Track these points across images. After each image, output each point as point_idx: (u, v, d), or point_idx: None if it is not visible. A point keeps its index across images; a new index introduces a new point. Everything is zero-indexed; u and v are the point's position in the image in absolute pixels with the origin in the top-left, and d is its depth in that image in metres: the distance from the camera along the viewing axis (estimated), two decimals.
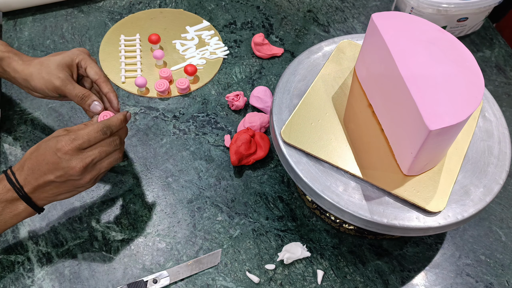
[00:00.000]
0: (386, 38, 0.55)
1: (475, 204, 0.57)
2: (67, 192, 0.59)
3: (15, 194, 0.56)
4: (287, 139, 0.60)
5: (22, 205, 0.57)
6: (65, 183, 0.57)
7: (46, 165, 0.56)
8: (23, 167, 0.57)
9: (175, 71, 0.86)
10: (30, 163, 0.57)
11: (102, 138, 0.58)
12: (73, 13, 0.93)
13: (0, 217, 0.56)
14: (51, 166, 0.56)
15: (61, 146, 0.56)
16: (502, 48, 0.94)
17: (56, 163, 0.56)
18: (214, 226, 0.68)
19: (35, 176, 0.56)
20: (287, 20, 0.95)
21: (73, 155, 0.56)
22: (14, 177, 0.57)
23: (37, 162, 0.57)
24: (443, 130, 0.49)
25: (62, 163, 0.56)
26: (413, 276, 0.65)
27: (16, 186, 0.56)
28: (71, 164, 0.56)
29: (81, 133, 0.57)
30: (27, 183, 0.57)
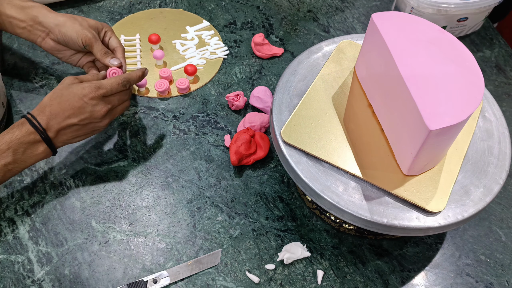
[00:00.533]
0: (386, 38, 0.55)
1: (475, 204, 0.57)
2: (84, 134, 0.66)
3: (38, 136, 0.62)
4: (287, 139, 0.60)
5: (42, 147, 0.63)
6: (85, 126, 0.65)
7: (71, 110, 0.63)
8: (44, 112, 0.63)
9: (175, 71, 0.86)
10: (52, 109, 0.63)
11: (122, 89, 0.67)
12: (73, 13, 0.93)
13: (22, 157, 0.61)
14: (76, 111, 0.63)
15: (87, 92, 0.64)
16: (502, 48, 0.94)
17: (82, 108, 0.63)
18: (214, 226, 0.68)
19: (58, 120, 0.63)
20: (287, 20, 0.95)
21: (98, 101, 0.64)
22: (36, 121, 0.62)
23: (61, 107, 0.63)
24: (443, 130, 0.49)
25: (87, 107, 0.64)
26: (413, 276, 0.65)
27: (39, 129, 0.62)
28: (96, 108, 0.64)
29: (105, 83, 0.66)
30: (50, 127, 0.62)
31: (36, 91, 0.81)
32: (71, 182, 0.72)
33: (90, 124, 0.65)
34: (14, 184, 0.71)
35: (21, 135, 0.61)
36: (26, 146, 0.61)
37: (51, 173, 0.72)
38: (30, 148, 0.62)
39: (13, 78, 0.83)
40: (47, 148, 0.63)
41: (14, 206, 0.69)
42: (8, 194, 0.70)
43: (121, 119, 0.79)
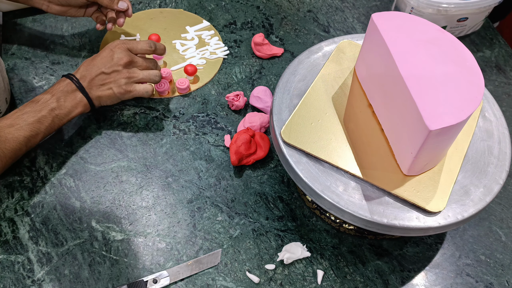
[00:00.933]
0: (386, 38, 0.55)
1: (475, 204, 0.57)
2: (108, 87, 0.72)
3: (73, 85, 0.71)
4: (287, 139, 0.60)
5: (79, 95, 0.71)
6: (110, 75, 0.72)
7: (100, 60, 0.73)
8: (79, 69, 0.73)
9: (175, 71, 0.86)
10: (85, 65, 0.73)
11: (147, 49, 0.76)
12: None
13: (64, 103, 0.70)
14: (104, 60, 0.73)
15: (115, 44, 0.74)
16: (502, 48, 0.94)
17: (109, 56, 0.73)
18: (214, 226, 0.68)
19: (90, 71, 0.72)
20: (287, 20, 0.95)
21: (123, 50, 0.74)
22: (72, 75, 0.72)
23: (93, 62, 0.73)
24: (443, 130, 0.49)
25: (113, 54, 0.73)
26: (413, 276, 0.65)
27: (73, 79, 0.71)
28: (119, 55, 0.73)
29: (132, 41, 0.76)
30: (83, 77, 0.72)
31: (36, 91, 0.81)
32: (71, 182, 0.72)
33: (113, 74, 0.72)
34: (14, 184, 0.71)
35: (60, 85, 0.70)
36: (65, 94, 0.70)
37: (51, 173, 0.72)
38: (69, 96, 0.70)
39: (13, 78, 0.83)
40: (83, 97, 0.71)
41: (14, 206, 0.69)
42: (8, 194, 0.70)
43: (121, 119, 0.79)
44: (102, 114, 0.79)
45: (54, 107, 0.69)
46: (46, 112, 0.68)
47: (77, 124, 0.78)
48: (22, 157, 0.73)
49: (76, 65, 0.86)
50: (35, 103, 0.68)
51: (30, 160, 0.73)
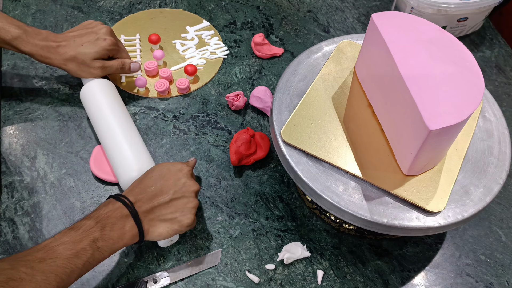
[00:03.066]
0: (386, 38, 0.55)
1: (475, 204, 0.57)
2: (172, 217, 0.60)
3: (125, 210, 0.57)
4: (287, 139, 0.60)
5: (129, 223, 0.57)
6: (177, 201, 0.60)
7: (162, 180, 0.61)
8: (133, 190, 0.60)
9: (175, 71, 0.86)
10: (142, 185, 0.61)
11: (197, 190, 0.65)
12: (73, 13, 0.93)
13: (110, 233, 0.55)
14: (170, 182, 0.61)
15: (182, 166, 0.63)
16: (502, 48, 0.94)
17: (177, 179, 0.61)
18: (214, 226, 0.68)
19: (149, 194, 0.60)
20: (287, 20, 0.95)
21: (190, 176, 0.63)
22: (125, 197, 0.59)
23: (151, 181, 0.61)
24: (443, 130, 0.49)
25: (182, 179, 0.61)
26: (413, 276, 0.65)
27: (126, 203, 0.58)
28: (189, 182, 0.62)
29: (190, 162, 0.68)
30: (138, 200, 0.59)
31: (36, 91, 0.81)
32: (71, 182, 0.72)
33: (182, 200, 0.61)
34: (14, 184, 0.71)
35: (108, 210, 0.57)
36: (114, 221, 0.56)
37: (51, 173, 0.72)
38: (118, 223, 0.56)
39: (13, 78, 0.83)
40: (134, 225, 0.57)
41: (14, 206, 0.69)
42: (8, 194, 0.70)
43: None
44: None
45: (97, 237, 0.54)
46: (87, 244, 0.53)
47: (77, 124, 0.78)
48: (22, 157, 0.73)
49: None
50: (74, 231, 0.54)
51: (30, 160, 0.73)
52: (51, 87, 0.82)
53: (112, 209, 0.57)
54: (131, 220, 0.57)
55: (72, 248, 0.52)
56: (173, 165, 0.63)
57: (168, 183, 0.60)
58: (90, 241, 0.53)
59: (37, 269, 0.49)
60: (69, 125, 0.78)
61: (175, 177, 0.61)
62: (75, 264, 0.52)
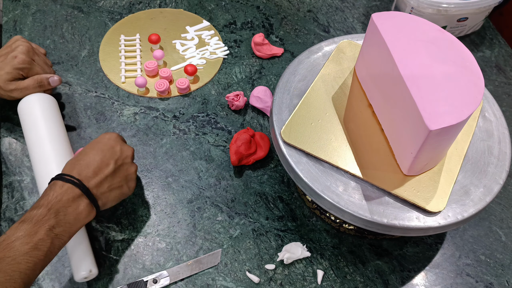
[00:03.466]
0: (386, 38, 0.55)
1: (475, 204, 0.57)
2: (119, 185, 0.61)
3: (77, 190, 0.56)
4: (287, 139, 0.60)
5: (83, 202, 0.56)
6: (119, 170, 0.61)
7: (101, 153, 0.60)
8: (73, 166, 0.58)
9: (175, 71, 0.86)
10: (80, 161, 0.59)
11: None
12: (73, 13, 0.93)
13: (65, 217, 0.54)
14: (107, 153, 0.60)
15: (110, 135, 0.63)
16: (502, 48, 0.94)
17: (112, 148, 0.61)
18: (214, 226, 0.68)
19: (91, 169, 0.58)
20: (287, 20, 0.95)
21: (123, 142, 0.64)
22: (68, 175, 0.56)
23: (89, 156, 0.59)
24: (443, 130, 0.49)
25: (117, 147, 0.62)
26: (413, 276, 0.65)
27: (74, 181, 0.56)
28: (124, 147, 0.63)
29: None
30: (84, 177, 0.57)
31: None
32: None
33: (124, 167, 0.62)
34: (14, 184, 0.71)
35: (57, 193, 0.54)
36: (66, 204, 0.54)
37: None
38: (72, 205, 0.55)
39: None
40: (88, 202, 0.56)
41: (14, 206, 0.69)
42: (8, 194, 0.70)
43: (121, 119, 0.79)
44: (102, 114, 0.79)
45: (52, 224, 0.52)
46: (44, 233, 0.51)
47: (77, 124, 0.78)
48: (22, 157, 0.73)
49: (76, 65, 0.86)
50: (27, 224, 0.52)
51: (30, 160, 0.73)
52: None
53: (60, 192, 0.55)
54: (85, 198, 0.56)
55: (29, 242, 0.50)
56: (101, 137, 0.63)
57: (106, 154, 0.60)
58: (46, 230, 0.52)
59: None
60: (69, 125, 0.78)
61: (109, 146, 0.61)
62: (36, 257, 0.50)
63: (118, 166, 0.61)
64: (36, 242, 0.51)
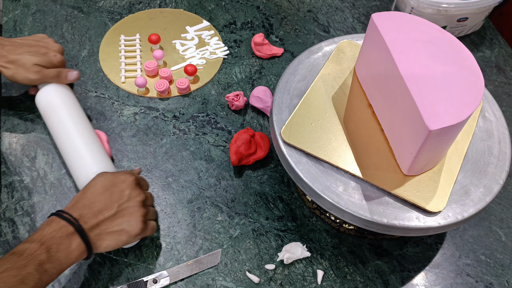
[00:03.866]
0: (386, 38, 0.55)
1: (475, 204, 0.57)
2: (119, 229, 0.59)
3: (70, 228, 0.55)
4: (287, 139, 0.60)
5: (75, 241, 0.55)
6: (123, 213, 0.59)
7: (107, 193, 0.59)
8: (76, 205, 0.58)
9: (175, 71, 0.86)
10: (84, 200, 0.58)
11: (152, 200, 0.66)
12: (73, 13, 0.93)
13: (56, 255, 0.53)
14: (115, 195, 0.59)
15: (126, 177, 0.61)
16: (502, 48, 0.94)
17: (121, 191, 0.60)
18: (214, 226, 0.68)
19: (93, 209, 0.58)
20: (287, 20, 0.95)
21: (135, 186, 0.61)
22: (67, 214, 0.57)
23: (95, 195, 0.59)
24: (443, 130, 0.49)
25: (126, 191, 0.60)
26: (413, 276, 0.65)
27: (70, 220, 0.56)
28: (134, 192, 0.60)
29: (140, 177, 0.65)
30: (82, 217, 0.57)
31: None
32: (71, 182, 0.72)
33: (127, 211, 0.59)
34: (14, 184, 0.71)
35: (52, 230, 0.54)
36: (59, 241, 0.54)
37: (51, 173, 0.72)
38: (63, 243, 0.54)
39: None
40: (81, 242, 0.56)
41: (14, 206, 0.69)
42: (8, 194, 0.70)
43: (121, 119, 0.79)
44: (102, 114, 0.79)
45: (43, 260, 0.52)
46: (33, 268, 0.51)
47: None
48: (22, 157, 0.73)
49: (76, 65, 0.86)
50: (17, 256, 0.51)
51: (30, 160, 0.73)
52: None
53: (56, 228, 0.55)
54: (78, 237, 0.55)
55: (17, 275, 0.50)
56: (116, 176, 0.61)
57: (112, 197, 0.59)
58: (36, 265, 0.51)
59: None
60: None
61: (119, 189, 0.60)
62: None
63: (121, 210, 0.59)
64: (24, 276, 0.50)
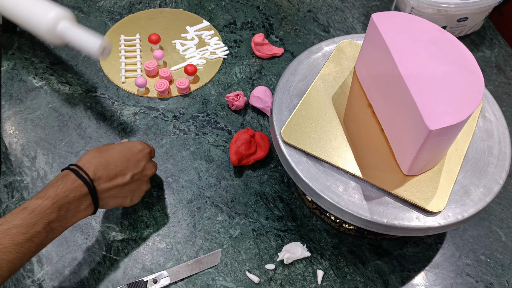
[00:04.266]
0: (386, 38, 0.55)
1: (475, 204, 0.57)
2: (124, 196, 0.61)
3: (85, 188, 0.55)
4: (287, 139, 0.60)
5: (86, 202, 0.56)
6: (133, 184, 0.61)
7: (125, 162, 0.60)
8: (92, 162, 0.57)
9: (175, 71, 0.86)
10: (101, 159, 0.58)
11: None
12: (73, 13, 0.93)
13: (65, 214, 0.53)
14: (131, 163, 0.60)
15: (142, 147, 0.63)
16: (502, 48, 0.94)
17: (138, 160, 0.61)
18: (214, 226, 0.68)
19: (109, 172, 0.58)
20: (287, 20, 0.95)
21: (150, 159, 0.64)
22: (83, 171, 0.56)
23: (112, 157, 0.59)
24: (443, 130, 0.49)
25: (142, 162, 0.62)
26: (413, 276, 0.65)
27: (86, 179, 0.55)
28: (149, 165, 0.63)
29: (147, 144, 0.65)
30: (98, 178, 0.57)
31: (36, 91, 0.81)
32: None
33: (137, 182, 0.61)
34: (14, 184, 0.71)
35: (66, 188, 0.54)
36: (70, 201, 0.54)
37: (51, 173, 0.72)
38: (74, 203, 0.54)
39: (13, 78, 0.83)
40: (91, 203, 0.56)
41: (14, 206, 0.69)
42: (8, 194, 0.70)
43: (121, 119, 0.79)
44: (102, 114, 0.79)
45: (53, 219, 0.52)
46: (42, 227, 0.51)
47: (77, 124, 0.78)
48: (22, 157, 0.73)
49: (76, 65, 0.86)
50: (28, 213, 0.51)
51: (30, 160, 0.73)
52: (51, 87, 0.82)
53: (70, 187, 0.54)
54: (89, 198, 0.56)
55: (25, 232, 0.50)
56: (134, 145, 0.63)
57: (129, 164, 0.60)
58: (45, 224, 0.51)
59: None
60: (69, 125, 0.78)
61: (136, 158, 0.61)
62: (28, 248, 0.50)
63: (133, 181, 0.61)
64: (32, 234, 0.50)
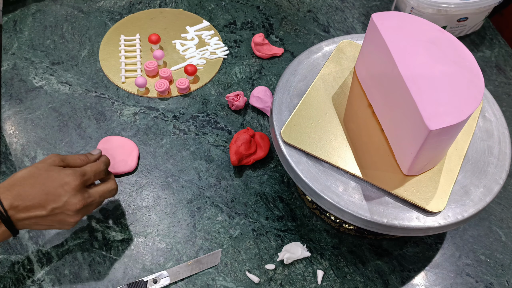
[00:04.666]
0: (386, 38, 0.55)
1: (475, 204, 0.57)
2: (47, 225, 0.58)
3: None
4: (287, 139, 0.60)
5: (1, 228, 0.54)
6: (54, 217, 0.56)
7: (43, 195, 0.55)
8: (12, 190, 0.55)
9: (175, 71, 0.86)
10: (22, 189, 0.55)
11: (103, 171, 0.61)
12: (73, 13, 0.93)
13: None
14: (50, 198, 0.55)
15: (69, 180, 0.56)
16: (502, 48, 0.94)
17: (58, 196, 0.56)
18: (214, 226, 0.68)
19: (26, 203, 0.55)
20: (287, 20, 0.95)
21: (77, 192, 0.57)
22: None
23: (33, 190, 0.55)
24: (443, 130, 0.49)
25: (64, 197, 0.56)
26: (413, 276, 0.65)
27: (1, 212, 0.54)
28: (73, 200, 0.56)
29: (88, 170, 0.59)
30: (14, 208, 0.54)
31: (36, 91, 0.81)
32: None
33: (60, 216, 0.57)
34: None
35: None
36: None
37: None
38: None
39: (13, 78, 0.83)
40: (6, 230, 0.55)
41: None
42: None
43: (121, 119, 0.79)
44: (102, 114, 0.79)
45: None
46: None
47: (77, 124, 0.78)
48: (22, 157, 0.73)
49: (76, 65, 0.86)
50: None
51: (30, 160, 0.73)
52: (51, 87, 0.82)
53: None
54: (3, 226, 0.54)
55: None
56: (61, 177, 0.57)
57: (48, 197, 0.55)
58: None
59: None
60: (69, 125, 0.78)
61: (57, 192, 0.56)
62: None
63: (54, 213, 0.56)
64: None
